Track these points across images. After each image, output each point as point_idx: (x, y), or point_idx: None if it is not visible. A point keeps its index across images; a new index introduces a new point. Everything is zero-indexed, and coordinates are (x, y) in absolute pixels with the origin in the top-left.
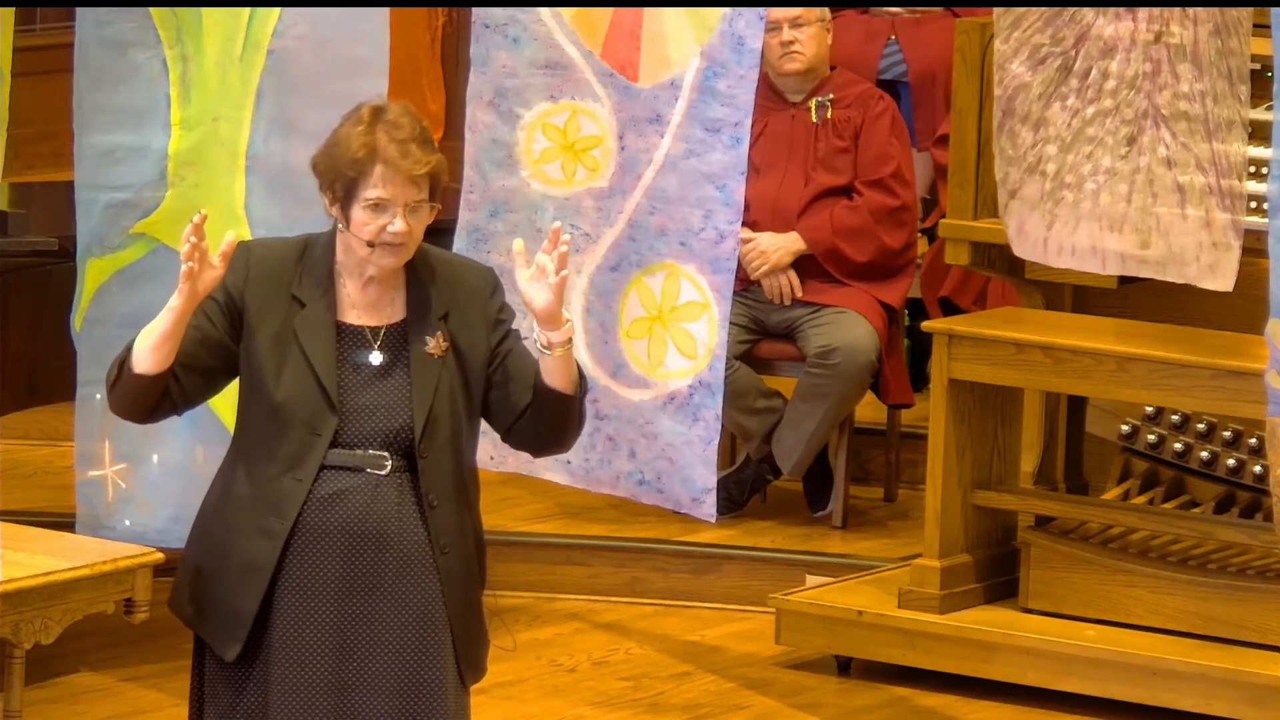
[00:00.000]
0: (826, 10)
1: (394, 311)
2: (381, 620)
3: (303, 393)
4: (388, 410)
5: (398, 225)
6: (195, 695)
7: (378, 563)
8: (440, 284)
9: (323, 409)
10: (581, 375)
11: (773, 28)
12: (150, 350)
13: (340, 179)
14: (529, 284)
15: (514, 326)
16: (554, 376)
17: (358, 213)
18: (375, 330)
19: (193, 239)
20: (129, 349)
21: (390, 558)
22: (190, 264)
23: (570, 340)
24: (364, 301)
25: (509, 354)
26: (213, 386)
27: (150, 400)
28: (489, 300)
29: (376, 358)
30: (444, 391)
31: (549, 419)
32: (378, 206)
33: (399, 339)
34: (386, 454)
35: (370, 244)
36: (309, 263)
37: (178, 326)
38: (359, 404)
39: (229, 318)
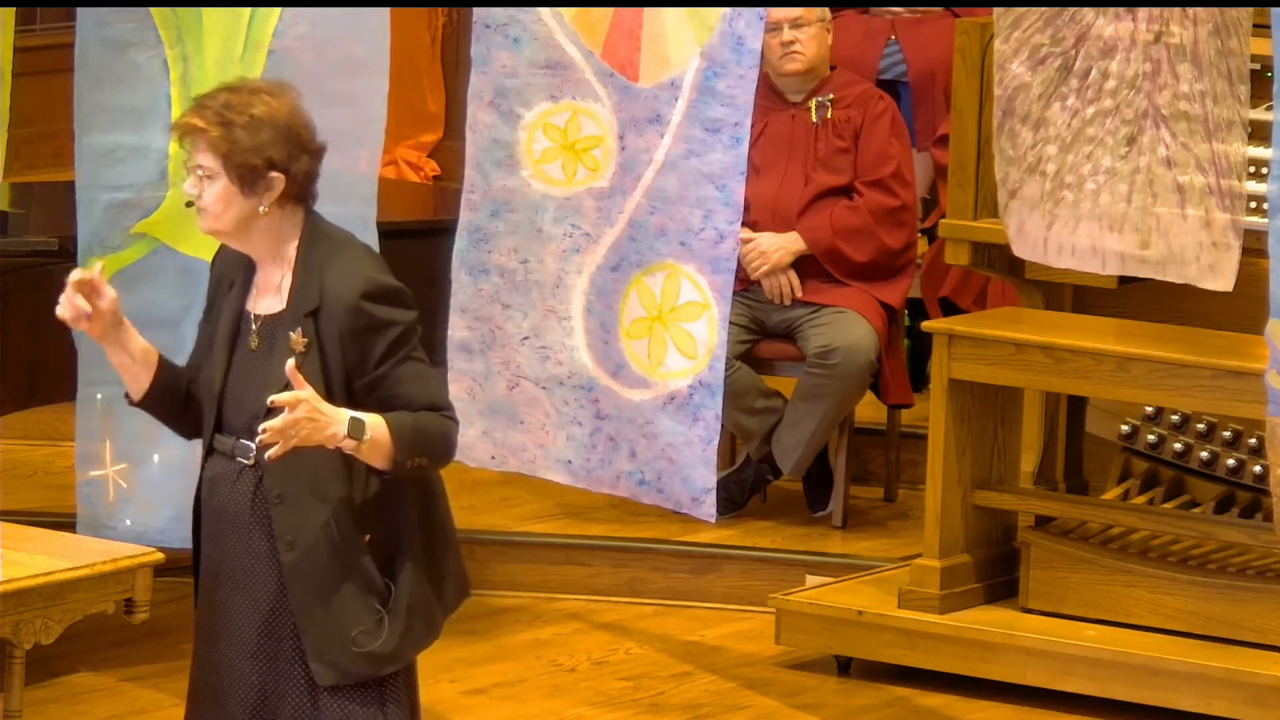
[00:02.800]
0: (827, 10)
1: (279, 299)
2: (233, 608)
3: (206, 375)
4: (253, 399)
5: (188, 183)
6: None
7: (232, 551)
8: (316, 279)
9: (212, 392)
10: (420, 435)
11: (773, 28)
12: (125, 379)
13: None
14: None
15: (398, 338)
16: (365, 459)
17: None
18: (258, 318)
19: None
20: None
21: (240, 548)
22: (82, 317)
23: (358, 439)
24: (261, 284)
25: (382, 381)
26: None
27: (174, 416)
28: (346, 308)
29: (254, 343)
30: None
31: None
32: (192, 169)
33: (274, 328)
34: (251, 443)
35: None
36: None
37: (114, 351)
38: (234, 392)
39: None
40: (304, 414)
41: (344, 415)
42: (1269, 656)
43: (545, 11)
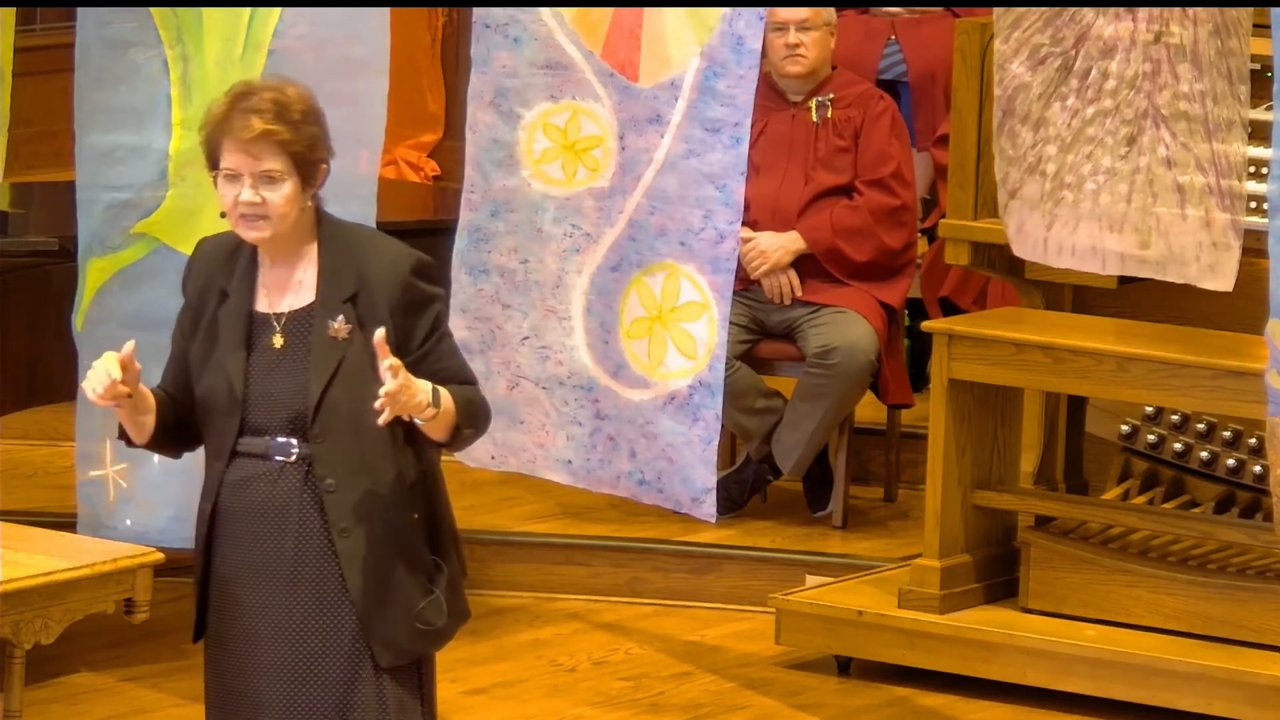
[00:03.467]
0: (833, 14)
1: (302, 294)
2: (282, 606)
3: (217, 382)
4: (289, 396)
5: (246, 194)
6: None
7: (278, 549)
8: (351, 264)
9: (231, 397)
10: (471, 406)
11: (779, 27)
12: (129, 430)
13: (208, 152)
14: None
15: (439, 315)
16: (430, 432)
17: (219, 184)
18: (279, 316)
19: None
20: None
21: (289, 544)
22: (117, 401)
23: (436, 408)
24: (273, 283)
25: (428, 356)
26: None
27: (172, 443)
28: (399, 284)
29: (278, 342)
30: (345, 374)
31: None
32: (230, 177)
33: (302, 322)
34: (294, 440)
35: (230, 216)
36: (241, 254)
37: (130, 413)
38: (263, 391)
39: (187, 323)
40: (404, 380)
41: (426, 384)
42: (1269, 656)
43: (545, 11)
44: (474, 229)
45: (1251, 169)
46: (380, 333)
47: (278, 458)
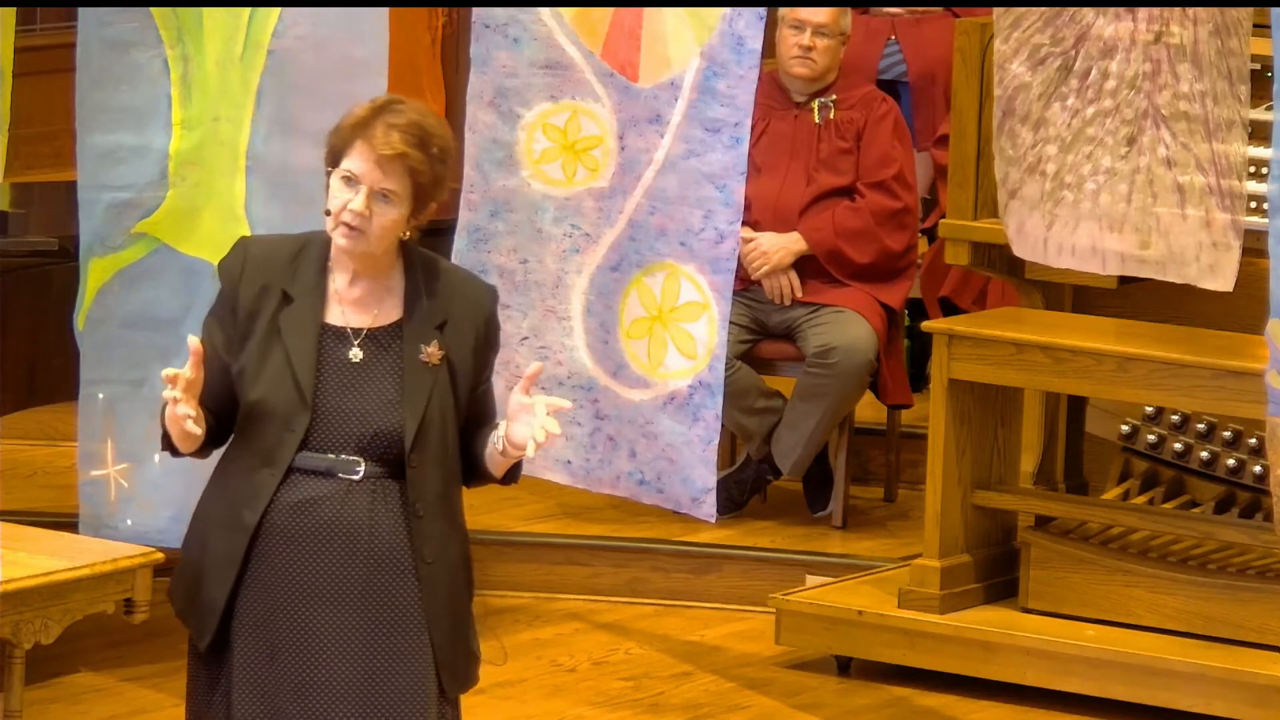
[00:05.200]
0: (849, 24)
1: (383, 313)
2: (351, 626)
3: (280, 389)
4: (366, 415)
5: (357, 202)
6: (188, 687)
7: (346, 569)
8: (440, 292)
9: (297, 407)
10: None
11: (796, 26)
12: (180, 444)
13: (332, 148)
14: (517, 418)
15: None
16: (498, 468)
17: (333, 182)
18: (358, 331)
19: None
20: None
21: (360, 565)
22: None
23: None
24: (350, 298)
25: (485, 391)
26: (228, 411)
27: (202, 445)
28: (486, 318)
29: (356, 356)
30: (435, 401)
31: (468, 476)
32: (348, 180)
33: (385, 342)
34: (360, 459)
35: (333, 218)
36: (304, 259)
37: (179, 428)
38: (335, 406)
39: (230, 325)
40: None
41: (545, 413)
42: (1269, 656)
43: (545, 11)
44: (473, 229)
45: (1251, 169)
46: (538, 366)
47: (342, 476)
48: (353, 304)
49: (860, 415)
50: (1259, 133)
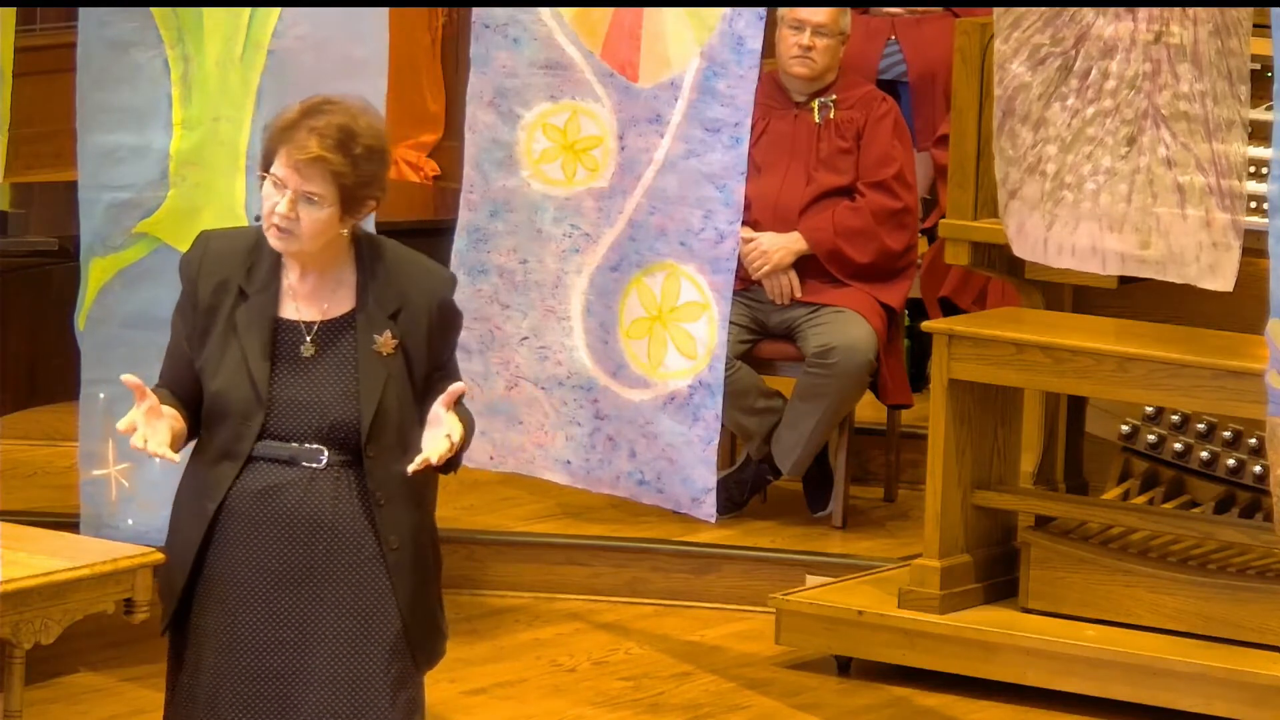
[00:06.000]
0: (849, 24)
1: (334, 305)
2: (320, 613)
3: (236, 385)
4: (323, 405)
5: (281, 206)
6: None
7: (310, 556)
8: (393, 280)
9: (253, 403)
10: (471, 427)
11: (796, 26)
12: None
13: (264, 150)
14: (430, 426)
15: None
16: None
17: (264, 187)
18: (309, 325)
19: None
20: None
21: (324, 552)
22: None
23: (470, 437)
24: (303, 291)
25: (445, 375)
26: (195, 398)
27: (189, 436)
28: (439, 303)
29: (308, 350)
30: (391, 390)
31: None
32: (275, 185)
33: (337, 334)
34: (323, 448)
35: (265, 219)
36: (259, 254)
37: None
38: (291, 398)
39: (190, 318)
40: (458, 442)
41: (456, 422)
42: (1269, 656)
43: (545, 11)
44: (473, 229)
45: (1251, 169)
46: (459, 386)
47: (306, 464)
48: (305, 298)
49: (860, 415)
50: (1259, 133)
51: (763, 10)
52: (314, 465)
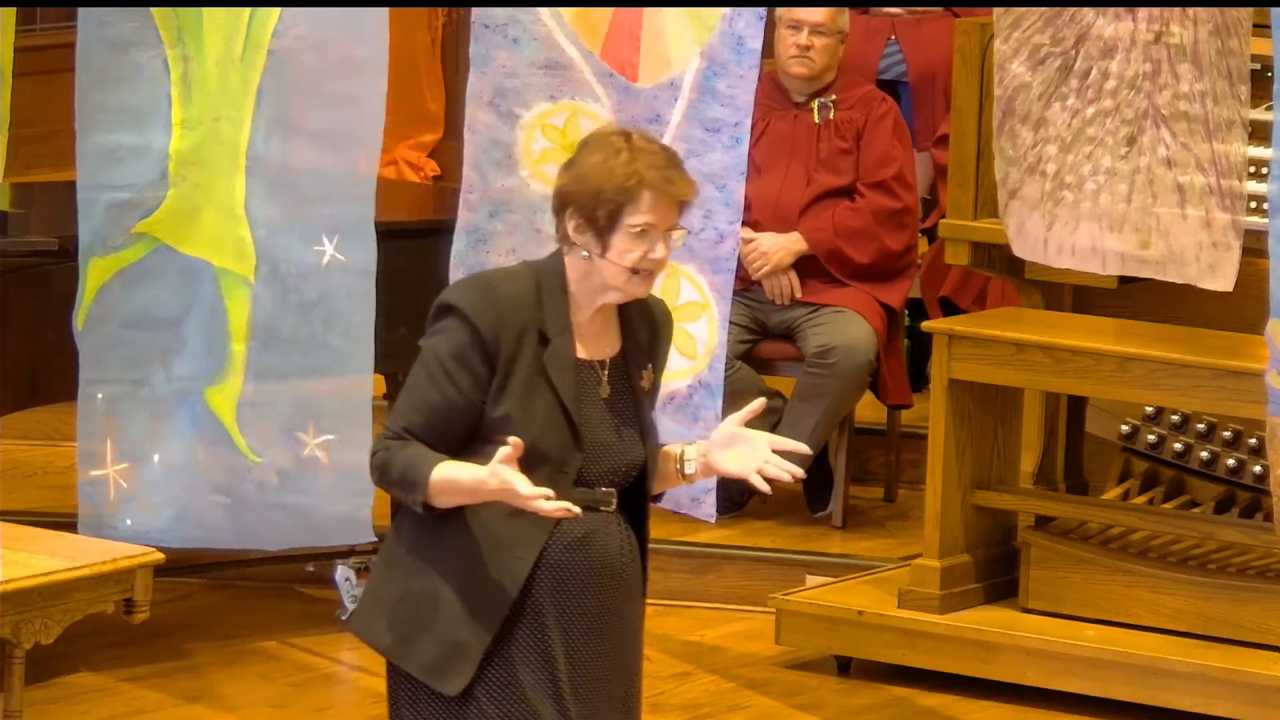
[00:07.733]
0: (848, 23)
1: (609, 344)
2: (615, 655)
3: (553, 430)
4: (621, 448)
5: (658, 252)
6: None
7: (610, 600)
8: (643, 316)
9: (570, 447)
10: None
11: (794, 26)
12: (451, 501)
13: (603, 206)
14: (731, 447)
15: None
16: (662, 484)
17: (620, 240)
18: (602, 364)
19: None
20: (425, 475)
21: (621, 595)
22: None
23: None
24: (590, 333)
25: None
26: (453, 452)
27: None
28: (671, 331)
29: (605, 392)
30: (650, 427)
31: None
32: (643, 233)
33: (619, 373)
34: (613, 490)
35: (634, 271)
36: (546, 295)
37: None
38: (597, 441)
39: (482, 369)
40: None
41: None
42: (1269, 656)
43: (545, 11)
44: (472, 229)
45: (1251, 169)
46: (761, 402)
47: (603, 509)
48: (592, 337)
49: (860, 415)
50: (1259, 133)
51: (763, 10)
52: (608, 509)
